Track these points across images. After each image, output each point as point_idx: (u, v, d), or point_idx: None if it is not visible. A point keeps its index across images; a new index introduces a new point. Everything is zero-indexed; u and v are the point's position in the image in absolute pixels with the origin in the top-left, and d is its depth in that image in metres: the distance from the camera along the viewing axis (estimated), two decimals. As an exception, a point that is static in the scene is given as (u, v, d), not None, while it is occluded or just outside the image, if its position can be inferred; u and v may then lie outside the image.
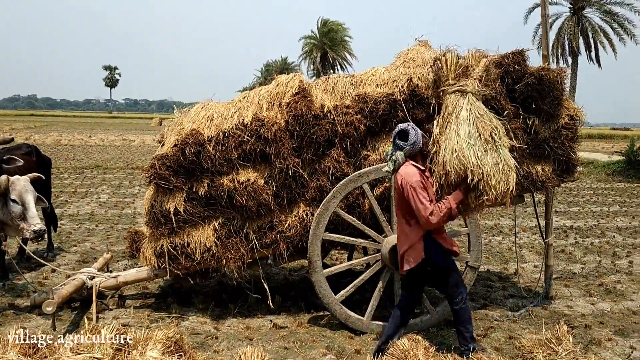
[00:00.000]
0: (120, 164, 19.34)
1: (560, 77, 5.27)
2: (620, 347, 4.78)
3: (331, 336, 4.86)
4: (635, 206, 13.18)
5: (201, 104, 5.35)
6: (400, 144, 4.10)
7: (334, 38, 55.27)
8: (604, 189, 16.35)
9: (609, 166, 20.65)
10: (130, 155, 22.60)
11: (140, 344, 3.37)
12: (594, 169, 21.24)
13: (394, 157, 4.09)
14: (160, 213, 5.00)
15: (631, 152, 19.94)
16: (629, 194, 15.33)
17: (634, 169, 19.30)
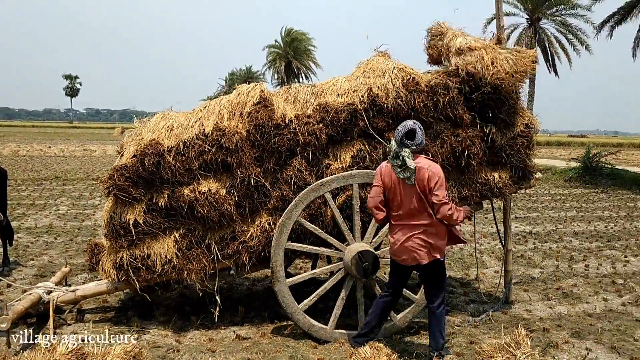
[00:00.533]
0: (81, 175, 18.93)
1: (515, 87, 5.41)
2: (576, 349, 4.90)
3: (295, 346, 4.85)
4: (592, 211, 13.59)
5: (161, 114, 5.29)
6: (407, 143, 4.24)
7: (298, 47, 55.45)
8: (561, 195, 16.81)
9: (567, 172, 21.26)
10: (91, 166, 22.15)
11: (98, 359, 3.30)
12: (552, 175, 21.82)
13: (402, 154, 4.20)
14: (119, 225, 4.91)
15: (587, 159, 20.59)
16: (586, 200, 15.80)
17: (590, 175, 19.92)
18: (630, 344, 5.04)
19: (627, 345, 5.01)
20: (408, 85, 5.21)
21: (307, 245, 5.04)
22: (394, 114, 5.14)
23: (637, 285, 7.02)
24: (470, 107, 5.38)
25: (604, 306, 6.18)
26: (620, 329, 5.45)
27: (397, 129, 4.32)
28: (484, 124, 5.41)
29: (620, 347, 4.97)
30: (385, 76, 5.32)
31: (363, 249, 4.84)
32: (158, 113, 5.40)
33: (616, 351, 4.87)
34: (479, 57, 5.37)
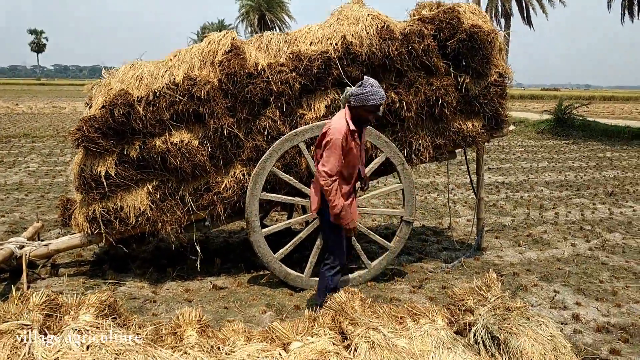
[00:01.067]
0: (51, 132, 18.49)
1: (490, 36, 5.38)
2: (545, 292, 5.07)
3: (271, 294, 4.91)
4: (562, 162, 13.84)
5: (130, 64, 5.14)
6: (351, 90, 3.98)
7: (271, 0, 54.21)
8: (534, 147, 17.05)
9: (539, 125, 21.53)
10: (60, 123, 21.64)
11: (73, 309, 3.29)
12: (525, 127, 22.06)
13: (342, 97, 4.09)
14: (90, 177, 4.83)
15: (559, 111, 20.85)
16: (557, 151, 16.06)
17: (561, 127, 20.23)
18: (595, 286, 5.23)
19: (593, 287, 5.19)
20: (382, 33, 5.13)
21: (282, 195, 5.05)
22: (368, 63, 5.08)
23: (603, 231, 7.24)
24: (445, 56, 5.35)
25: (572, 251, 6.37)
26: (586, 272, 5.63)
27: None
28: (458, 73, 5.40)
29: (586, 288, 5.15)
30: (360, 24, 5.23)
31: (338, 198, 4.85)
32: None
33: (582, 292, 5.05)
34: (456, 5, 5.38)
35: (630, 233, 7.20)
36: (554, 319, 4.43)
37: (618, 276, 5.52)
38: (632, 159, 14.58)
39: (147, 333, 3.33)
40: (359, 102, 3.96)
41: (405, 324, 3.92)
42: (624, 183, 10.93)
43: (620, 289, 5.15)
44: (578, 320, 4.44)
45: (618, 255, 6.24)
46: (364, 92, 3.93)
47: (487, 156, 14.53)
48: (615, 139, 18.55)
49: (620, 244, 6.66)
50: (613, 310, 4.65)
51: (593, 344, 4.04)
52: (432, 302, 4.73)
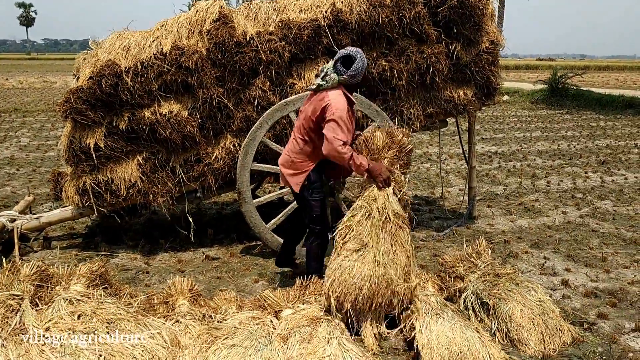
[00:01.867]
0: (42, 106, 18.31)
1: (481, 2, 5.31)
2: (535, 259, 5.11)
3: (263, 264, 4.94)
4: (556, 131, 13.85)
5: (117, 34, 5.07)
6: (340, 70, 3.78)
7: (264, -31, 53.30)
8: (527, 116, 17.04)
9: (533, 94, 21.48)
10: (52, 98, 21.40)
11: (64, 279, 3.31)
12: (519, 97, 22.01)
13: (328, 78, 3.80)
14: (79, 149, 4.81)
15: (554, 81, 20.78)
16: (550, 120, 16.06)
17: (555, 97, 20.19)
18: (585, 252, 5.28)
19: (582, 254, 5.25)
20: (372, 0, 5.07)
21: (273, 166, 5.03)
22: (358, 30, 5.02)
23: (595, 199, 7.28)
24: (436, 23, 5.29)
25: (563, 219, 6.41)
26: (577, 239, 5.68)
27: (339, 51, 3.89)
28: (449, 40, 5.35)
29: (575, 255, 5.20)
30: (349, -11, 5.15)
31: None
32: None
33: (572, 259, 5.10)
34: None
35: (621, 200, 7.25)
36: (544, 284, 4.49)
37: (608, 243, 5.57)
38: (625, 127, 14.60)
39: (138, 302, 3.36)
40: (359, 77, 3.86)
41: (396, 290, 3.96)
42: (616, 152, 10.96)
43: (610, 255, 5.21)
44: (567, 286, 4.49)
45: (608, 222, 6.28)
46: (362, 65, 3.82)
47: (481, 126, 14.52)
48: (608, 108, 18.53)
49: (610, 212, 6.71)
50: (602, 276, 4.71)
51: (581, 308, 4.09)
52: (423, 270, 4.76)
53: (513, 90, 23.57)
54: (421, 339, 3.29)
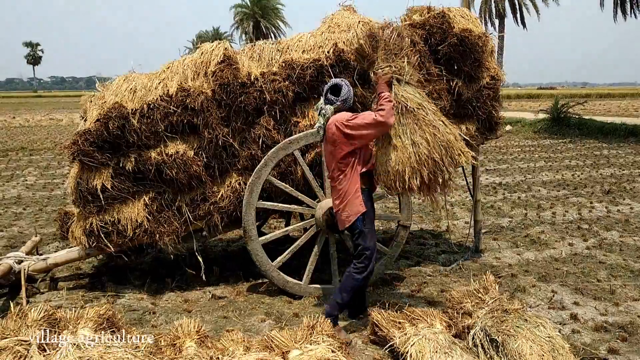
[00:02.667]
0: (48, 144, 18.52)
1: (481, 39, 5.41)
2: (543, 292, 5.08)
3: (270, 302, 4.92)
4: (559, 161, 13.88)
5: (123, 76, 5.17)
6: (332, 99, 4.08)
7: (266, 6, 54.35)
8: (530, 146, 17.10)
9: (536, 124, 21.59)
10: (58, 135, 21.66)
11: (72, 323, 3.31)
12: (521, 127, 22.11)
13: (324, 111, 4.08)
14: (87, 191, 4.85)
15: (555, 110, 20.92)
16: (554, 150, 16.11)
17: (558, 126, 20.30)
18: (593, 285, 5.25)
19: (590, 286, 5.21)
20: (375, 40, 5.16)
21: (278, 203, 5.07)
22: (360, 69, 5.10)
23: (601, 230, 7.26)
24: (436, 60, 5.38)
25: (570, 250, 6.39)
26: (584, 271, 5.65)
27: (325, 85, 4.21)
28: (451, 77, 5.43)
29: (584, 288, 5.16)
30: (351, 31, 5.27)
31: (334, 204, 4.87)
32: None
33: (580, 292, 5.07)
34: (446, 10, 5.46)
35: (628, 231, 7.22)
36: (552, 319, 4.45)
37: (616, 274, 5.54)
38: (629, 156, 14.63)
39: (145, 345, 3.34)
40: (349, 101, 4.17)
41: (403, 328, 3.94)
42: (621, 180, 10.97)
43: (618, 287, 5.17)
44: (576, 320, 4.45)
45: (615, 253, 6.26)
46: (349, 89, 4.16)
47: (485, 157, 14.57)
48: (611, 136, 18.59)
49: (617, 242, 6.69)
50: (611, 309, 4.67)
51: (591, 343, 4.05)
52: (430, 306, 4.74)
53: (515, 120, 23.70)
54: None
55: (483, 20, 34.94)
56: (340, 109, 4.10)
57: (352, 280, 4.21)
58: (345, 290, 4.21)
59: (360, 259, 4.21)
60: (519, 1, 35.60)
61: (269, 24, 54.85)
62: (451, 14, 5.49)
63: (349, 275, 4.24)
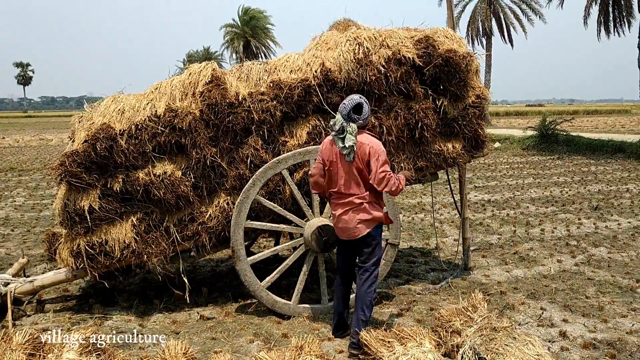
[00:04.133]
0: (37, 165, 18.42)
1: (466, 59, 5.48)
2: (532, 310, 5.09)
3: (259, 323, 4.89)
4: (548, 177, 13.98)
5: (111, 97, 5.18)
6: (355, 117, 4.14)
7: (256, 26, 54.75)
8: (519, 163, 17.23)
9: (524, 141, 21.76)
10: (47, 156, 21.56)
11: (57, 347, 3.27)
12: (510, 144, 22.29)
13: (349, 129, 4.11)
14: (74, 212, 4.83)
15: (543, 127, 21.12)
16: (542, 167, 16.23)
17: (546, 143, 20.48)
18: (581, 302, 5.26)
19: (579, 303, 5.23)
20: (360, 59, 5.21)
21: (266, 223, 5.07)
22: (347, 88, 5.16)
23: (589, 246, 7.30)
24: (422, 80, 5.45)
25: (559, 267, 6.41)
26: (573, 288, 5.67)
27: (343, 103, 4.21)
28: (437, 96, 5.49)
29: (572, 305, 5.18)
30: (337, 49, 5.32)
31: (322, 223, 4.88)
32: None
33: (569, 309, 5.08)
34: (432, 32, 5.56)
35: (616, 247, 7.27)
36: (541, 337, 4.45)
37: (604, 291, 5.56)
38: (616, 172, 14.76)
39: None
40: (368, 119, 4.28)
41: (392, 347, 3.93)
42: (609, 197, 11.06)
43: (607, 304, 5.19)
44: (565, 338, 4.46)
45: (604, 269, 6.29)
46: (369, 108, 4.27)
47: (473, 174, 14.66)
48: (598, 152, 18.77)
49: (605, 259, 6.72)
50: (600, 326, 4.68)
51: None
52: (420, 325, 4.74)
53: (504, 137, 23.90)
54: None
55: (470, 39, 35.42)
56: (361, 125, 4.22)
57: (369, 294, 4.30)
58: (367, 307, 4.30)
59: (371, 270, 4.32)
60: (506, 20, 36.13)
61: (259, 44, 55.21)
62: (435, 35, 5.57)
63: (364, 291, 4.30)
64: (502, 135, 24.56)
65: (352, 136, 4.12)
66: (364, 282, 4.31)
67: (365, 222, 4.24)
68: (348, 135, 4.12)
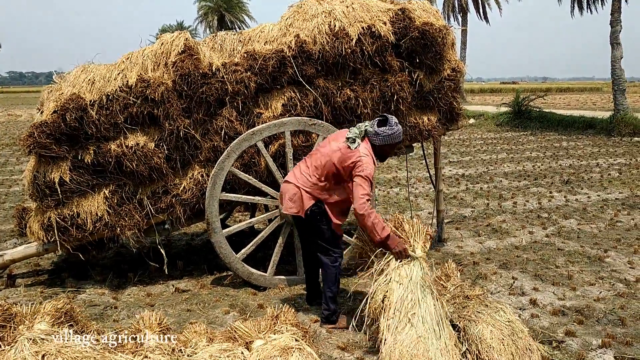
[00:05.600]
0: (6, 140, 18.01)
1: (442, 33, 5.47)
2: (504, 279, 5.19)
3: (234, 294, 4.90)
4: (521, 152, 14.18)
5: (81, 67, 5.05)
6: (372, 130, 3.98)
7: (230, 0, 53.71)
8: (493, 139, 17.42)
9: (498, 117, 21.99)
10: (16, 131, 21.04)
11: (28, 318, 3.22)
12: (484, 120, 22.51)
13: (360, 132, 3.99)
14: (44, 184, 4.73)
15: (517, 104, 21.35)
16: (515, 142, 16.44)
17: (519, 119, 20.73)
18: (552, 271, 5.38)
19: (549, 272, 5.35)
20: (335, 32, 5.16)
21: (242, 195, 5.04)
22: (323, 61, 5.11)
23: (560, 218, 7.45)
24: (398, 53, 5.42)
25: (530, 238, 6.53)
26: (543, 258, 5.79)
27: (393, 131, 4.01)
28: (412, 69, 5.48)
29: (543, 274, 5.29)
30: (313, 21, 5.25)
31: (298, 195, 4.87)
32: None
33: (539, 278, 5.19)
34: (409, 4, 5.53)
35: (585, 219, 7.43)
36: (512, 305, 4.55)
37: (573, 261, 5.70)
38: (587, 147, 15.04)
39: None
40: (387, 141, 4.02)
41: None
42: (579, 171, 11.27)
43: (575, 273, 5.32)
44: (535, 305, 4.56)
45: (573, 240, 6.43)
46: (394, 132, 4.01)
47: (448, 149, 14.78)
48: (570, 128, 19.07)
49: (575, 230, 6.87)
50: (569, 294, 4.80)
51: (549, 327, 4.16)
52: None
53: (478, 113, 24.10)
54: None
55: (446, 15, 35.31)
56: (371, 140, 4.01)
57: (332, 270, 4.22)
58: (332, 283, 4.21)
59: (331, 247, 4.22)
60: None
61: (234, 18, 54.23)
62: (412, 7, 5.53)
63: (327, 268, 4.22)
64: (476, 111, 24.77)
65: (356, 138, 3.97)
66: (325, 261, 4.24)
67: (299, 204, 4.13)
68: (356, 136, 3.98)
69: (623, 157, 13.15)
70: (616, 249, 6.07)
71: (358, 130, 4.03)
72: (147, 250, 5.53)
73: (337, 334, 4.05)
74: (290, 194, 4.17)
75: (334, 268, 4.22)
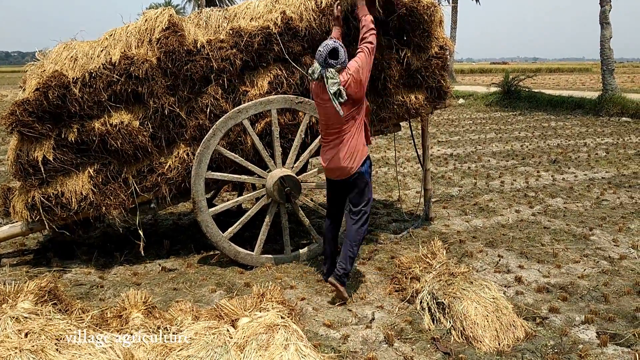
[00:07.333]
0: (-9, 120, 17.71)
1: (430, 10, 5.41)
2: (489, 257, 5.23)
3: (221, 273, 4.89)
4: (509, 132, 14.21)
5: (63, 44, 4.96)
6: (333, 63, 4.07)
7: (219, -22, 52.97)
8: (482, 119, 17.43)
9: (488, 97, 21.98)
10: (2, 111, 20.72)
11: (11, 297, 3.20)
12: (474, 100, 22.49)
13: (328, 75, 4.03)
14: (27, 163, 4.67)
15: (506, 84, 21.35)
16: (504, 122, 16.47)
17: (509, 99, 20.74)
18: (537, 249, 5.43)
19: (535, 250, 5.39)
20: (322, 8, 5.10)
21: (228, 174, 5.01)
22: (309, 37, 5.05)
23: (546, 197, 7.50)
24: (386, 31, 5.37)
25: (516, 217, 6.58)
26: (529, 236, 5.84)
27: (318, 50, 4.10)
28: (400, 47, 5.43)
29: (528, 252, 5.34)
30: (299, -3, 5.18)
31: (284, 174, 4.87)
32: (60, 44, 5.06)
33: (525, 256, 5.24)
34: None
35: (571, 198, 7.48)
36: (498, 282, 4.59)
37: (559, 239, 5.74)
38: (575, 127, 15.09)
39: (90, 317, 3.28)
40: (346, 62, 4.20)
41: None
42: (567, 151, 11.32)
43: (561, 250, 5.36)
44: (520, 283, 4.60)
45: (559, 219, 6.48)
46: (345, 51, 4.18)
47: (437, 129, 14.78)
48: (559, 108, 19.10)
49: (561, 209, 6.92)
50: (553, 271, 4.84)
51: (534, 303, 4.20)
52: (381, 273, 4.82)
53: (468, 93, 24.08)
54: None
55: (437, -6, 35.06)
56: (339, 70, 4.12)
57: (359, 233, 4.34)
58: (356, 244, 4.33)
59: (363, 210, 4.36)
60: (472, -25, 35.88)
61: (223, -3, 53.58)
62: None
63: (355, 229, 4.33)
64: (466, 92, 24.74)
65: (334, 80, 4.03)
66: (356, 222, 4.34)
67: (353, 159, 4.27)
68: (330, 82, 4.03)
69: (610, 136, 13.22)
70: (601, 227, 6.12)
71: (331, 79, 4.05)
72: (134, 229, 5.50)
73: (323, 312, 4.07)
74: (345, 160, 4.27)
75: (362, 229, 4.34)
